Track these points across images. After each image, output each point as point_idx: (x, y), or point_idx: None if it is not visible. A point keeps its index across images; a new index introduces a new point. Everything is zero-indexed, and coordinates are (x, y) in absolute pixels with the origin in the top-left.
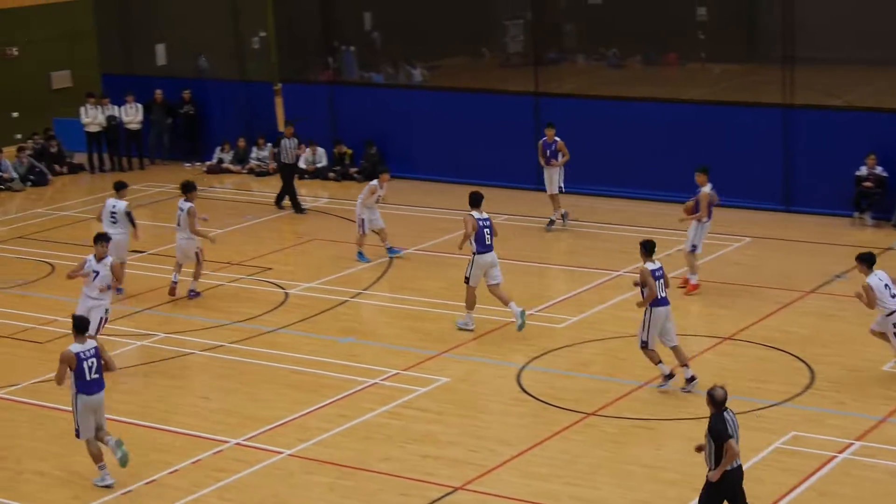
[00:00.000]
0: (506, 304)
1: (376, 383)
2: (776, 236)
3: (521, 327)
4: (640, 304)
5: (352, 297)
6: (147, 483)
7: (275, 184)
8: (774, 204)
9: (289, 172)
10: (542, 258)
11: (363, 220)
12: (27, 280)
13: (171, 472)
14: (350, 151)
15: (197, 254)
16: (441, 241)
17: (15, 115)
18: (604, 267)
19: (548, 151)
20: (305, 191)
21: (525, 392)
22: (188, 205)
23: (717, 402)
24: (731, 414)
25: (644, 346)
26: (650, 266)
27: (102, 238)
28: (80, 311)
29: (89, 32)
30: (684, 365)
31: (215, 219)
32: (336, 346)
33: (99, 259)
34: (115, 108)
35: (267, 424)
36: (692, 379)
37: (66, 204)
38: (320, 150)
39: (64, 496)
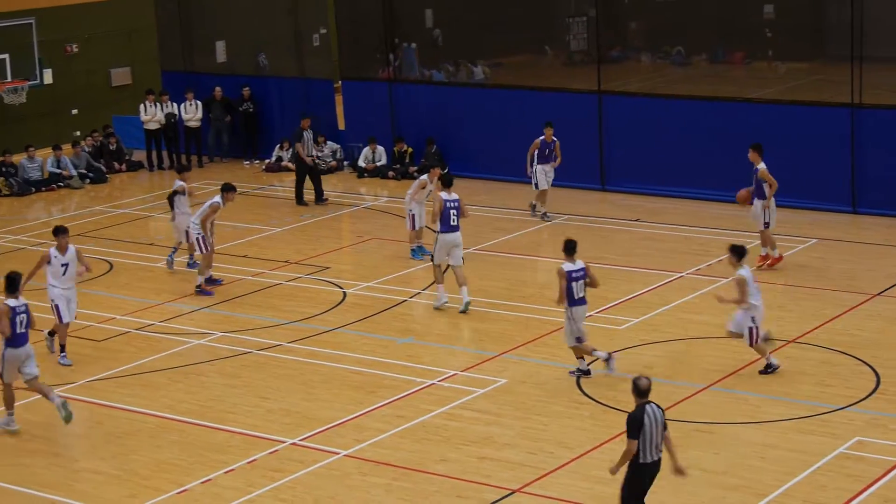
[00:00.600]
0: (460, 286)
1: (434, 384)
2: (843, 238)
3: (463, 311)
4: (557, 303)
5: (410, 297)
6: (203, 482)
7: (334, 182)
8: (841, 205)
9: (307, 165)
10: (603, 258)
11: (413, 214)
12: (85, 278)
13: (227, 472)
14: (410, 150)
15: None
16: (501, 241)
17: (74, 112)
18: (667, 268)
19: (546, 150)
20: (365, 189)
21: (585, 394)
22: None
23: (640, 392)
24: (654, 407)
25: (578, 341)
26: (567, 266)
27: (62, 231)
28: (61, 303)
29: (149, 29)
30: (580, 358)
31: (274, 217)
32: (394, 346)
33: (63, 252)
34: (175, 105)
35: (324, 425)
36: (588, 372)
37: (125, 202)
38: (380, 149)
39: (120, 494)
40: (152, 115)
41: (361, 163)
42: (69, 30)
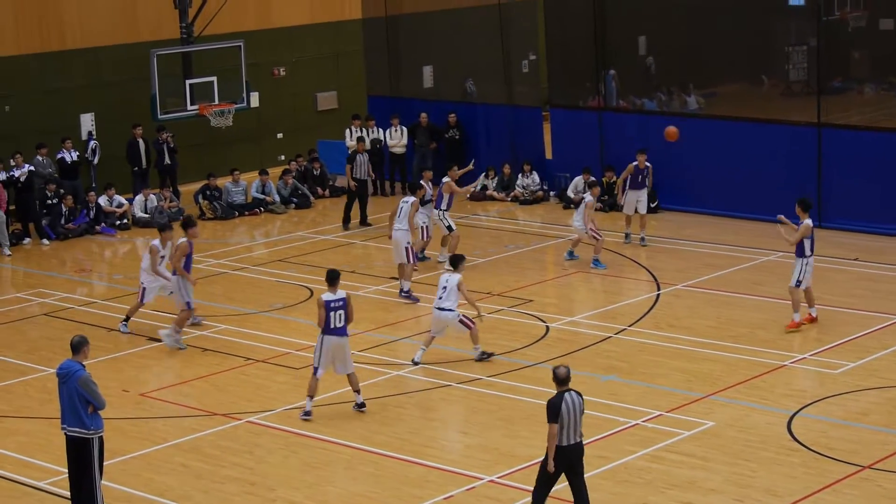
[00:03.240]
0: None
1: (638, 424)
2: None
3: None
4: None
5: (615, 333)
6: None
7: (539, 212)
8: None
9: (362, 188)
10: (819, 299)
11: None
12: (285, 304)
13: None
14: (619, 180)
15: (407, 249)
16: (712, 277)
17: (279, 135)
18: (886, 311)
19: (640, 177)
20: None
21: (796, 440)
22: (412, 199)
23: (559, 380)
24: (574, 395)
25: (314, 371)
26: (327, 297)
27: (167, 227)
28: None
29: (356, 53)
30: (356, 391)
31: (478, 247)
32: (597, 383)
33: (164, 244)
34: (380, 130)
35: (523, 462)
36: (362, 405)
37: (327, 227)
38: (592, 180)
39: None
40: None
41: (571, 193)
42: (277, 53)
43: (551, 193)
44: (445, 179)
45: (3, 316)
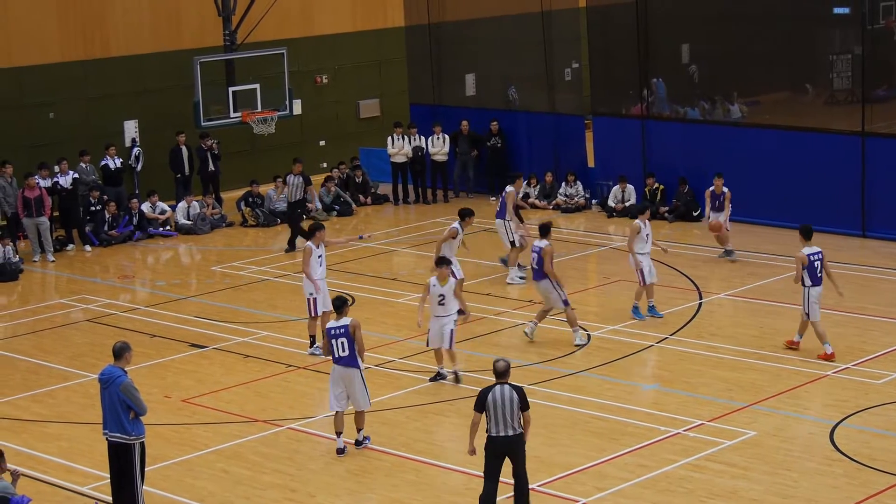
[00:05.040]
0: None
1: (679, 433)
2: None
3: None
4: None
5: (657, 342)
6: None
7: (581, 221)
8: None
9: (293, 212)
10: (863, 308)
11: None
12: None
13: None
14: (662, 187)
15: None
16: (754, 287)
17: (322, 143)
18: None
19: (716, 202)
20: (613, 229)
21: (839, 451)
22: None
23: (496, 373)
24: (507, 388)
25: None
26: (330, 324)
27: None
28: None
29: (399, 60)
30: (359, 429)
31: (519, 256)
32: (639, 392)
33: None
34: (422, 138)
35: (564, 471)
36: (360, 443)
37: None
38: (629, 188)
39: None
40: (399, 147)
41: (611, 202)
42: (320, 60)
43: (593, 202)
44: (509, 189)
45: (47, 322)
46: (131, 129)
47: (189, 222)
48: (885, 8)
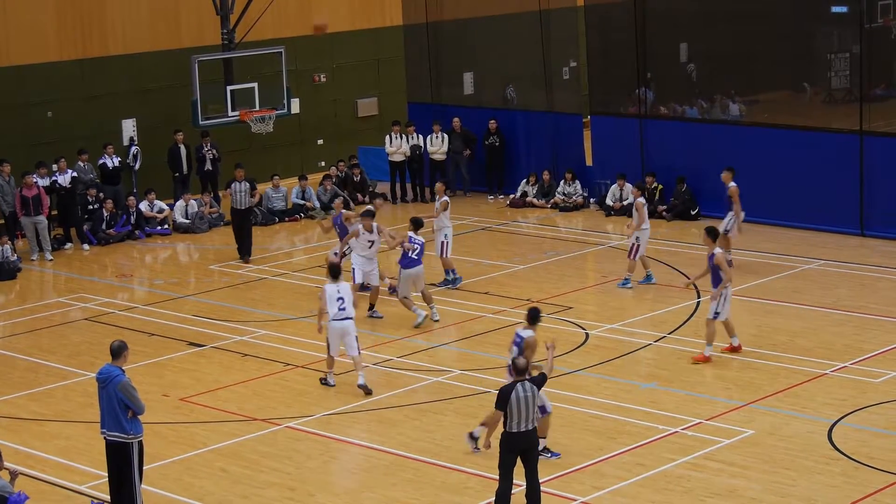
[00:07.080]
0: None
1: (677, 432)
2: None
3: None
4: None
5: (655, 341)
6: None
7: (579, 219)
8: None
9: (239, 219)
10: (862, 307)
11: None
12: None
13: None
14: (661, 187)
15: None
16: (753, 286)
17: (320, 141)
18: None
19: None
20: (612, 227)
21: (837, 449)
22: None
23: (517, 370)
24: (527, 386)
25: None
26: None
27: (370, 213)
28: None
29: (397, 59)
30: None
31: (518, 254)
32: (637, 391)
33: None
34: (421, 137)
35: (561, 470)
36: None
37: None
38: (628, 186)
39: None
40: (397, 146)
41: (609, 201)
42: (318, 59)
43: (591, 200)
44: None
45: (45, 320)
46: (129, 127)
47: (187, 221)
48: (882, 6)
